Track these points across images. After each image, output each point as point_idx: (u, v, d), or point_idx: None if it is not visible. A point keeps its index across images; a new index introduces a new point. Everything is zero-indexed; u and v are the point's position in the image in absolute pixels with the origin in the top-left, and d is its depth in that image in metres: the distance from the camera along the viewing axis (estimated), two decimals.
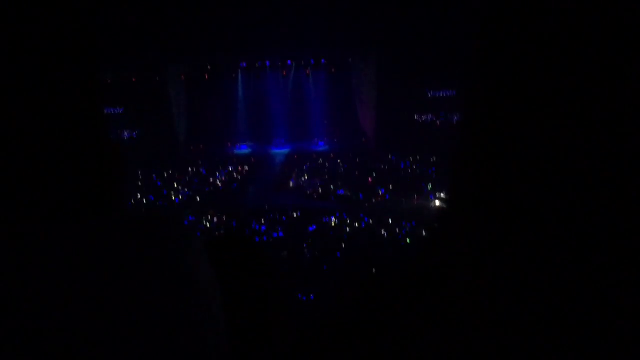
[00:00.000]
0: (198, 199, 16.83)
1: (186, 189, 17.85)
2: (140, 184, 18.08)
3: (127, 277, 0.68)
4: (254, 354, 1.45)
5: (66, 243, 0.67)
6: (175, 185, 18.19)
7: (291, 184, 18.89)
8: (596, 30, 0.52)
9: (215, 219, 14.09)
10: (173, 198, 16.96)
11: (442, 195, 15.20)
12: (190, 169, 20.62)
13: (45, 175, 0.67)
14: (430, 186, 16.31)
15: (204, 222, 13.91)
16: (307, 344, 0.75)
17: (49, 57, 0.67)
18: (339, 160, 21.18)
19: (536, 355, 0.55)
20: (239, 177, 20.08)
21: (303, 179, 19.12)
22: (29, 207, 0.66)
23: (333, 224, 13.31)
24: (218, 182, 18.96)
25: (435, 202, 15.05)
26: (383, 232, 12.49)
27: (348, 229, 12.84)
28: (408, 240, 11.65)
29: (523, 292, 0.57)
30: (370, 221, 13.36)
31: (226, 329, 0.80)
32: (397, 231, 12.44)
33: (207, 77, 24.06)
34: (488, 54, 0.63)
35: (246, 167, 21.39)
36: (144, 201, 16.40)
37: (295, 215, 14.11)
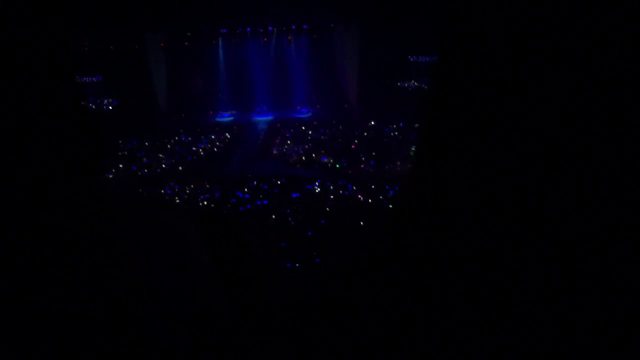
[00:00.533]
0: (180, 168, 16.73)
1: (168, 158, 17.71)
2: (121, 153, 17.90)
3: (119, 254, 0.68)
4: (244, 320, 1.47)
5: (48, 222, 0.66)
6: (158, 155, 18.04)
7: (274, 151, 18.84)
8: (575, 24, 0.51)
9: (198, 188, 14.05)
10: (155, 168, 16.83)
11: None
12: (172, 138, 20.44)
13: (18, 146, 0.65)
14: (412, 152, 16.33)
15: (187, 190, 13.86)
16: (291, 313, 0.76)
17: (19, 26, 0.65)
18: (322, 128, 21.12)
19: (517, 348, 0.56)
20: (222, 145, 19.96)
21: (286, 146, 19.06)
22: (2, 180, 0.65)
23: (317, 191, 13.34)
24: (200, 151, 18.84)
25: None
26: (366, 198, 12.56)
27: (332, 196, 12.89)
28: (391, 206, 11.70)
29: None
30: (354, 188, 13.41)
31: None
32: (380, 197, 12.52)
33: (187, 44, 23.69)
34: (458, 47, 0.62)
35: (228, 136, 21.26)
36: (125, 170, 16.28)
37: (278, 183, 14.11)
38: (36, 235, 0.64)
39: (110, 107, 23.04)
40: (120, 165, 16.58)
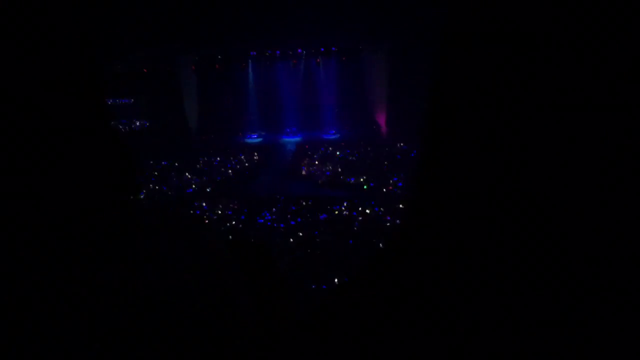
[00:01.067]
0: (209, 189, 16.89)
1: (198, 178, 17.90)
2: (151, 174, 18.17)
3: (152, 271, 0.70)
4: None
5: (82, 241, 0.68)
6: (187, 175, 18.26)
7: (302, 172, 18.88)
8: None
9: (227, 208, 14.15)
10: (184, 188, 17.02)
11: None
12: (201, 159, 20.68)
13: (48, 169, 0.67)
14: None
15: (216, 211, 13.97)
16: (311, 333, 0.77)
17: (52, 49, 0.67)
18: (349, 149, 21.13)
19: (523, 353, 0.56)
20: (250, 166, 20.11)
21: (314, 167, 19.10)
22: (35, 203, 0.66)
23: (344, 212, 13.31)
24: (229, 172, 19.00)
25: None
26: (393, 219, 12.47)
27: (360, 217, 12.83)
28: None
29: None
30: (381, 209, 13.34)
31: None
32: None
33: (217, 66, 24.06)
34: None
35: (257, 156, 21.41)
36: (155, 190, 16.49)
37: (306, 204, 14.12)
38: (73, 253, 0.66)
39: (142, 128, 23.46)
40: (151, 186, 16.82)
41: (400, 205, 13.28)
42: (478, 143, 0.59)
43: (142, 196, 15.40)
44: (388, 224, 12.29)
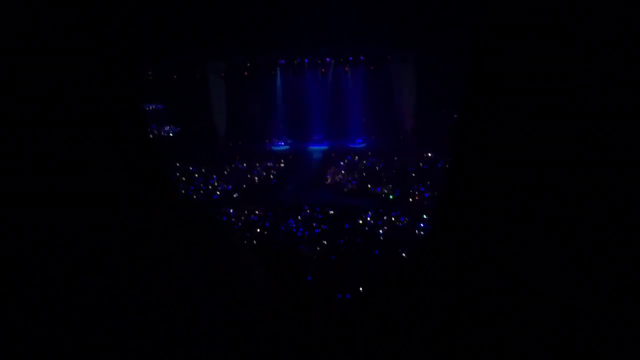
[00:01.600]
0: (236, 195, 17.00)
1: (224, 185, 18.04)
2: (178, 178, 18.38)
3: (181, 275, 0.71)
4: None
5: (116, 241, 0.69)
6: (214, 181, 18.42)
7: (328, 180, 18.89)
8: (599, 30, 0.51)
9: (253, 215, 14.22)
10: (211, 194, 17.17)
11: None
12: (228, 165, 20.85)
13: (84, 171, 0.68)
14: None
15: (242, 217, 14.05)
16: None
17: (89, 55, 0.68)
18: (376, 158, 21.07)
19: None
20: (277, 173, 20.20)
21: (340, 176, 19.09)
22: (69, 205, 0.67)
23: (370, 222, 13.26)
24: (256, 178, 19.11)
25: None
26: (418, 230, 12.39)
27: (385, 227, 12.78)
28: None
29: (523, 293, 0.57)
30: (406, 220, 13.27)
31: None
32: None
33: (246, 74, 24.26)
34: (488, 55, 0.62)
35: (284, 164, 21.50)
36: (183, 195, 16.65)
37: (331, 212, 14.11)
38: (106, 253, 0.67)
39: (171, 134, 23.76)
40: (181, 190, 17.01)
41: (424, 216, 13.20)
42: (509, 154, 0.58)
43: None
44: (416, 232, 12.22)
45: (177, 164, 20.09)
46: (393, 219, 13.34)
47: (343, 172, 19.53)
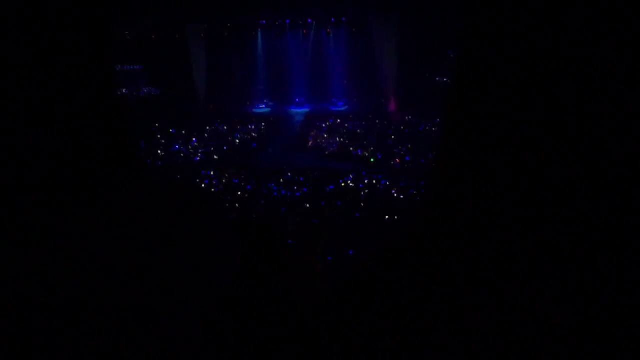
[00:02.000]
0: (216, 157, 16.92)
1: (205, 147, 17.93)
2: (159, 141, 18.21)
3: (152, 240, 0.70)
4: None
5: (88, 209, 0.67)
6: (194, 143, 18.28)
7: (310, 143, 18.87)
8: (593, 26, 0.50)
9: (234, 177, 14.19)
10: (192, 156, 17.06)
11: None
12: (209, 127, 20.69)
13: (54, 135, 0.66)
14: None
15: (223, 180, 14.01)
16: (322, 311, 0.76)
17: (59, 13, 0.65)
18: (357, 122, 21.07)
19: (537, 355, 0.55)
20: (258, 136, 20.10)
21: (322, 139, 19.08)
22: (41, 171, 0.65)
23: (351, 184, 13.33)
24: (237, 141, 19.01)
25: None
26: (399, 193, 12.50)
27: (366, 190, 12.86)
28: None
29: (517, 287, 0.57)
30: (387, 182, 13.35)
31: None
32: (415, 192, 12.44)
33: (227, 35, 23.89)
34: (478, 46, 0.61)
35: (265, 126, 21.39)
36: (162, 157, 16.54)
37: (312, 175, 14.14)
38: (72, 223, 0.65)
39: (151, 95, 23.43)
40: (159, 152, 16.87)
41: (405, 179, 13.30)
42: (506, 122, 0.58)
43: (148, 161, 15.46)
44: (395, 194, 12.32)
45: (157, 125, 19.87)
46: (374, 181, 13.42)
47: (325, 135, 19.50)
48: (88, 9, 0.69)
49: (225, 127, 20.91)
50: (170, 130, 19.66)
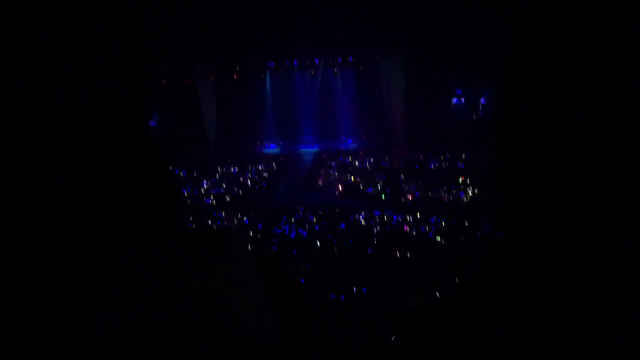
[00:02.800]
0: (228, 198, 16.95)
1: (216, 189, 17.99)
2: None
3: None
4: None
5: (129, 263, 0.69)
6: (205, 185, 18.36)
7: (320, 182, 18.88)
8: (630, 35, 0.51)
9: (245, 218, 14.18)
10: (203, 198, 17.11)
11: (471, 192, 15.11)
12: (220, 169, 20.78)
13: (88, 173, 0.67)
14: (460, 182, 16.20)
15: (235, 221, 14.02)
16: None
17: (98, 56, 0.67)
18: (367, 159, 21.10)
19: None
20: (269, 176, 20.16)
21: (332, 177, 19.09)
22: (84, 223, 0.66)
23: (362, 222, 13.28)
24: (248, 182, 19.06)
25: (464, 200, 14.96)
26: (412, 230, 12.42)
27: (378, 227, 12.80)
28: (438, 239, 11.58)
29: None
30: (399, 219, 13.30)
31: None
32: (427, 229, 12.36)
33: (235, 77, 24.16)
34: (520, 56, 0.62)
35: (275, 166, 21.46)
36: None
37: (323, 213, 14.11)
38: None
39: (162, 139, 23.56)
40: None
41: (417, 215, 13.20)
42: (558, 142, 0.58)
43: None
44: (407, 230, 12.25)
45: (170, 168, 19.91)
46: (385, 218, 13.36)
47: (335, 173, 19.52)
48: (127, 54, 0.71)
49: (236, 168, 21.01)
50: (181, 174, 19.75)
